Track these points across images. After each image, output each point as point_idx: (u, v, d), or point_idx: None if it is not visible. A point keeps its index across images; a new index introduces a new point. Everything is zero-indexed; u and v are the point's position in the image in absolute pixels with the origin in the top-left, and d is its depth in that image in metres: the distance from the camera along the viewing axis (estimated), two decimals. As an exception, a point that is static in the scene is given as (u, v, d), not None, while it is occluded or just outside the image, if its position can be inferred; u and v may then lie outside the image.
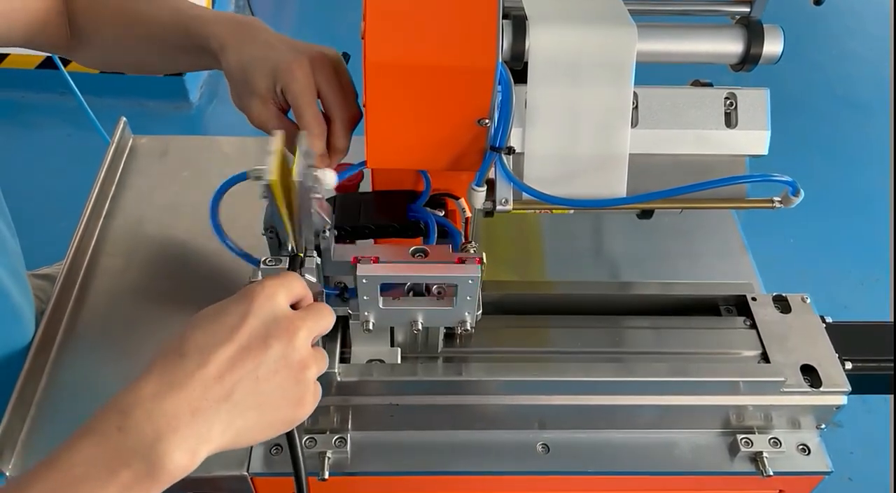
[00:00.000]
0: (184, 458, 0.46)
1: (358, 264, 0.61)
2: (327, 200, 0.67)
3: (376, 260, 0.62)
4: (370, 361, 0.70)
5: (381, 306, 0.63)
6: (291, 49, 0.64)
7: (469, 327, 0.65)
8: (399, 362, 0.70)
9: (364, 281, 0.61)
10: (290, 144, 0.64)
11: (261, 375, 0.49)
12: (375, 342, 0.70)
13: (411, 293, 0.65)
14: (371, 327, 0.64)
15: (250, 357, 0.49)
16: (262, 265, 0.58)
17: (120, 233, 0.90)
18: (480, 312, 0.65)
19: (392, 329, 0.70)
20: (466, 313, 0.64)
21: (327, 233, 0.61)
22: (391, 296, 0.64)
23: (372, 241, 0.69)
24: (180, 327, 0.51)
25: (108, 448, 0.45)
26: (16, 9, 0.73)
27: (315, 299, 0.58)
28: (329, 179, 0.58)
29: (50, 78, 2.12)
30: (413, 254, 0.63)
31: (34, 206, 1.79)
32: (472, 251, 0.65)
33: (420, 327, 0.65)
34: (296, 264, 0.58)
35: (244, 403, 0.48)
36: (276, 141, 0.54)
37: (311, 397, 0.52)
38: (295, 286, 0.53)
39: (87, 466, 0.44)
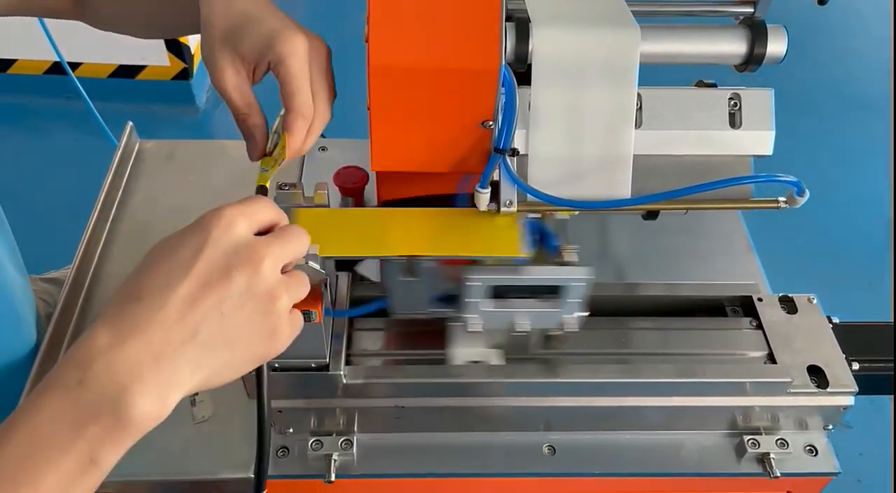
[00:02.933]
0: (152, 406, 0.43)
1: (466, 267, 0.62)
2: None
3: None
4: (472, 362, 0.70)
5: (488, 308, 0.64)
6: (291, 23, 0.61)
7: (572, 329, 0.65)
8: (504, 363, 0.70)
9: (475, 284, 0.62)
10: (245, 124, 0.62)
11: (225, 310, 0.46)
12: (475, 344, 0.70)
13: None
14: (478, 329, 0.65)
15: (212, 292, 0.45)
16: (277, 190, 0.57)
17: (127, 237, 0.90)
18: (587, 313, 0.66)
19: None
20: (571, 315, 0.65)
21: None
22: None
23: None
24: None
25: (70, 404, 0.43)
26: None
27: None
28: None
29: (58, 83, 2.13)
30: None
31: (42, 210, 1.81)
32: (571, 252, 0.65)
33: (528, 328, 0.65)
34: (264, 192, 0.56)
35: (210, 341, 0.45)
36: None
37: (287, 329, 0.49)
38: (259, 211, 0.49)
39: (52, 424, 0.43)
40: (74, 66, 2.20)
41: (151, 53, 2.31)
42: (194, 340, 0.45)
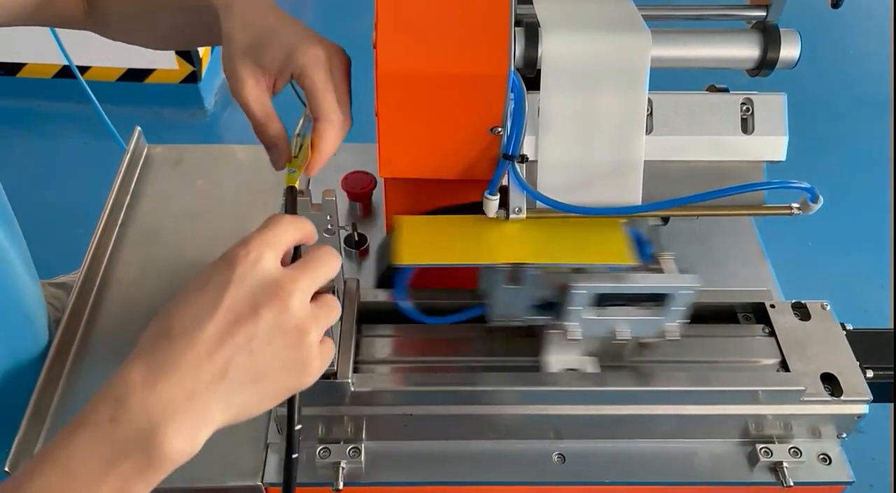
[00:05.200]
0: (184, 444, 0.44)
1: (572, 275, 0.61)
2: None
3: None
4: (567, 370, 0.70)
5: (591, 316, 0.63)
6: (311, 34, 0.61)
7: (675, 336, 0.65)
8: (599, 370, 0.70)
9: (580, 292, 0.61)
10: (266, 135, 0.62)
11: (254, 347, 0.46)
12: (569, 351, 0.70)
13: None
14: (577, 337, 0.64)
15: (240, 331, 0.45)
16: (283, 197, 0.55)
17: (135, 242, 0.90)
18: (688, 319, 0.66)
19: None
20: (673, 323, 0.64)
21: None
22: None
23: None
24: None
25: (103, 441, 0.43)
26: None
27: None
28: None
29: (67, 87, 2.14)
30: None
31: (51, 214, 1.81)
32: (668, 260, 0.65)
33: (627, 336, 0.65)
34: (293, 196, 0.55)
35: (240, 379, 0.46)
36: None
37: (318, 361, 0.48)
38: (283, 238, 0.48)
39: (84, 460, 0.43)
40: (83, 69, 2.21)
41: (160, 57, 2.32)
42: (224, 378, 0.45)
